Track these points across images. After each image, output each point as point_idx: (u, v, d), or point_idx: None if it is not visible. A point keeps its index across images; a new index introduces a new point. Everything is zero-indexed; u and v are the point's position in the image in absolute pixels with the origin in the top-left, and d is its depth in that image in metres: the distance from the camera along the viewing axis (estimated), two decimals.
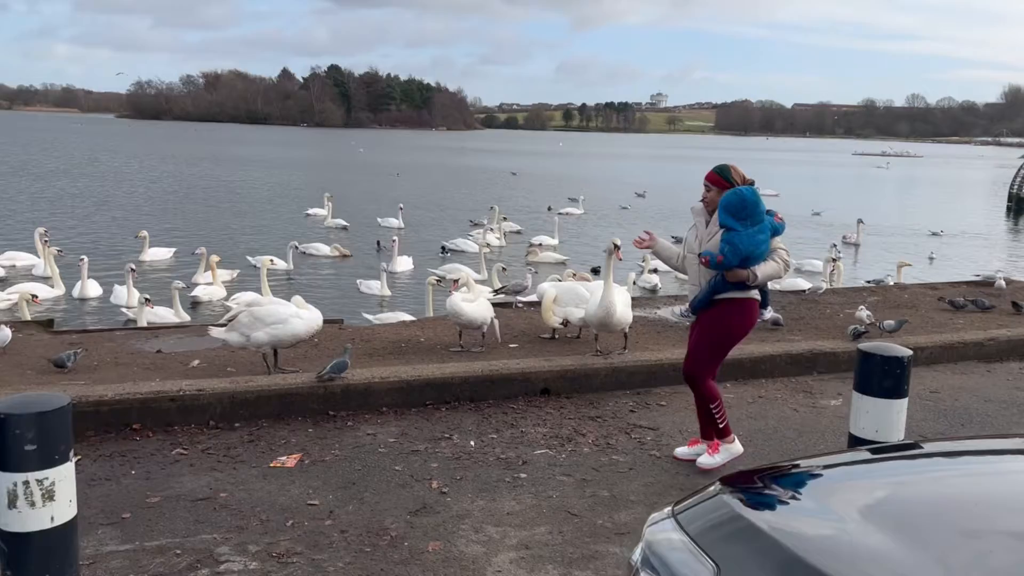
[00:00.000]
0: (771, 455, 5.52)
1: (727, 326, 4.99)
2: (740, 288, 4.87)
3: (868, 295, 10.87)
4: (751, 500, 2.18)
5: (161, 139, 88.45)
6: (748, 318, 5.01)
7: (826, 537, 1.97)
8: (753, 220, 4.76)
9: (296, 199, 32.29)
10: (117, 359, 6.96)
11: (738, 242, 4.74)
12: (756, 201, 4.78)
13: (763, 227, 4.80)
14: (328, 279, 17.04)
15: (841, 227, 27.27)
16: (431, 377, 6.32)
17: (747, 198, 4.77)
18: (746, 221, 4.75)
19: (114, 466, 4.99)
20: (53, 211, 25.63)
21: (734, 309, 4.94)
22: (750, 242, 4.74)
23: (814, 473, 2.41)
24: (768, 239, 4.84)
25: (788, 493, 2.23)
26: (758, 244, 4.77)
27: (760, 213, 4.79)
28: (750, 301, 4.97)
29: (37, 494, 2.72)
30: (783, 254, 4.92)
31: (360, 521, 4.37)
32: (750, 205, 4.76)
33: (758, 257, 4.80)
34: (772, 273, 4.89)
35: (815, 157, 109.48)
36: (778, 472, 2.39)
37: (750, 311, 5.00)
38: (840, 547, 1.91)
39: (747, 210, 4.75)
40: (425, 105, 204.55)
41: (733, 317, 4.96)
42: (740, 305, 4.94)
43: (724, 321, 4.97)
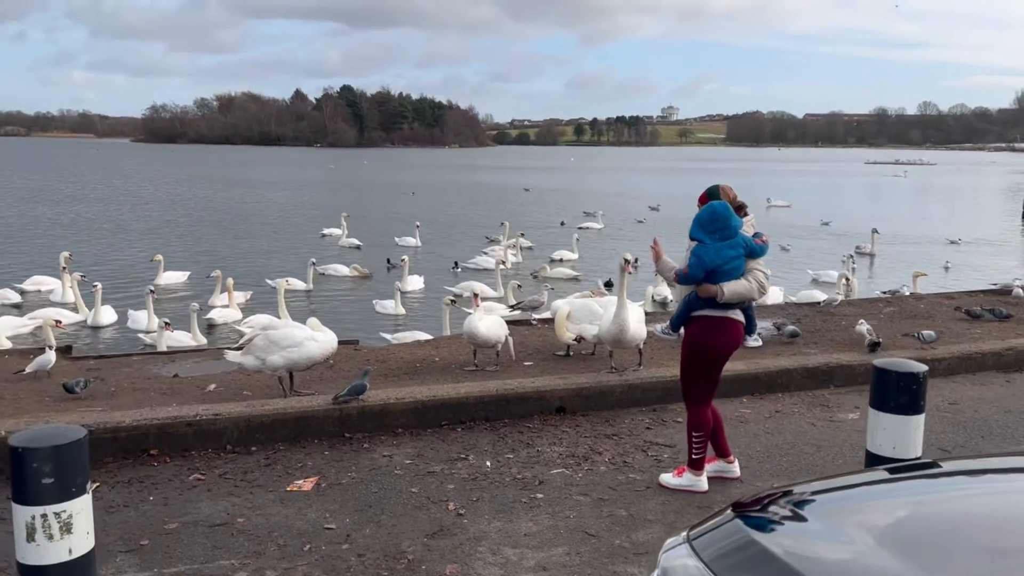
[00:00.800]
0: (789, 471, 5.48)
1: (700, 343, 4.89)
2: (717, 306, 4.78)
3: (884, 305, 10.80)
4: (766, 525, 2.16)
5: (176, 162, 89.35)
6: (724, 337, 4.86)
7: (842, 562, 1.95)
8: (722, 234, 4.74)
9: (311, 219, 32.50)
10: (134, 384, 7.01)
11: (703, 254, 4.73)
12: (727, 215, 4.77)
13: (734, 243, 4.76)
14: (346, 299, 17.10)
15: (853, 236, 27.19)
16: (446, 397, 6.33)
17: (717, 211, 4.78)
18: (714, 235, 4.74)
19: (132, 492, 5.01)
20: (71, 236, 25.89)
21: (709, 326, 4.85)
22: (716, 256, 4.71)
23: (830, 495, 2.39)
24: (740, 256, 4.77)
25: (804, 517, 2.21)
26: (726, 259, 4.72)
27: (730, 228, 4.75)
28: (727, 320, 4.85)
29: (55, 527, 2.74)
30: (759, 275, 4.83)
31: (377, 545, 4.37)
32: (720, 218, 4.75)
33: (728, 273, 4.73)
34: (743, 292, 4.76)
35: (828, 167, 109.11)
36: (793, 495, 2.37)
37: (727, 330, 4.86)
38: (856, 572, 1.89)
39: (716, 223, 4.75)
40: (437, 123, 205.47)
41: (707, 334, 4.86)
42: (716, 323, 4.83)
43: (698, 338, 4.90)
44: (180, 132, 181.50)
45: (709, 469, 5.27)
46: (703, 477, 5.05)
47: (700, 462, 5.04)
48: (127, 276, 18.76)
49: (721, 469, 5.30)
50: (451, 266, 20.63)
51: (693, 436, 4.99)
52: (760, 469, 5.50)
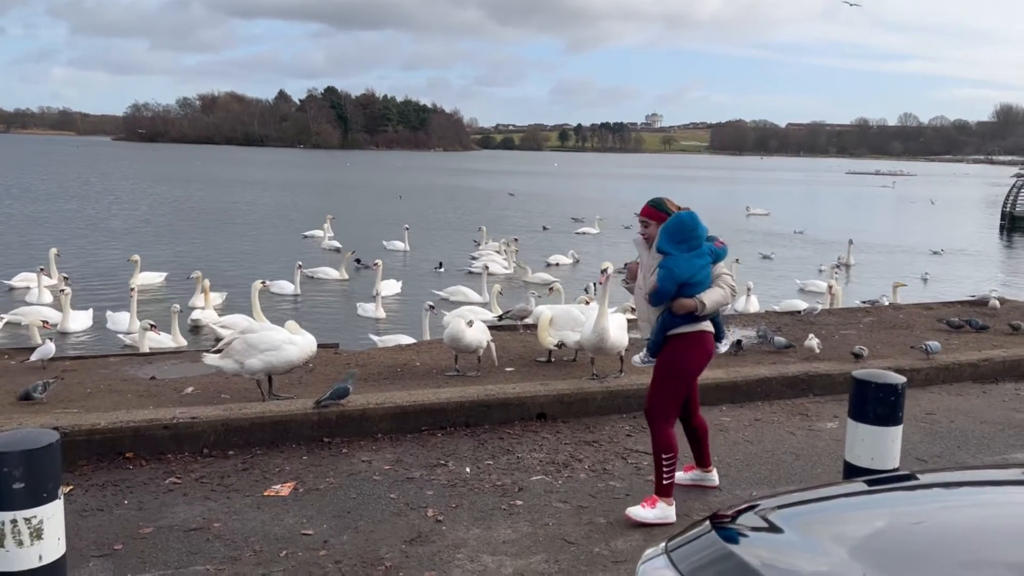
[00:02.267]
0: (769, 479, 5.50)
1: (681, 361, 4.74)
2: (691, 321, 4.66)
3: (863, 315, 10.89)
4: (744, 537, 2.16)
5: (156, 161, 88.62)
6: (702, 351, 4.76)
7: (820, 574, 1.95)
8: (690, 244, 4.61)
9: (294, 221, 32.34)
10: (111, 386, 6.93)
11: (673, 266, 4.57)
12: (694, 225, 4.63)
13: (701, 252, 4.64)
14: (331, 302, 17.01)
15: (829, 245, 27.49)
16: (426, 403, 6.30)
17: (684, 221, 4.63)
18: (682, 245, 4.60)
19: (106, 496, 4.95)
20: (48, 234, 25.60)
21: (687, 343, 4.71)
22: (687, 266, 4.58)
23: (808, 507, 2.39)
24: (708, 264, 4.66)
25: (781, 529, 2.21)
26: (697, 269, 4.60)
27: (698, 238, 4.63)
28: (703, 334, 4.74)
29: (25, 533, 2.69)
30: (728, 279, 4.73)
31: (355, 551, 4.34)
32: (687, 228, 4.61)
33: (700, 283, 4.61)
34: (720, 300, 4.66)
35: (809, 176, 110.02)
36: (771, 507, 2.37)
37: (703, 344, 4.76)
38: None
39: (684, 233, 4.60)
40: (422, 126, 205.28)
41: (686, 351, 4.72)
42: (693, 339, 4.71)
43: (677, 357, 4.73)
44: (162, 131, 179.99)
45: (687, 478, 5.22)
46: (673, 504, 4.77)
47: (671, 487, 4.77)
48: (103, 276, 18.57)
49: (699, 478, 5.25)
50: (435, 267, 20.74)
51: (663, 459, 4.71)
52: (739, 477, 5.51)
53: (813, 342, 8.25)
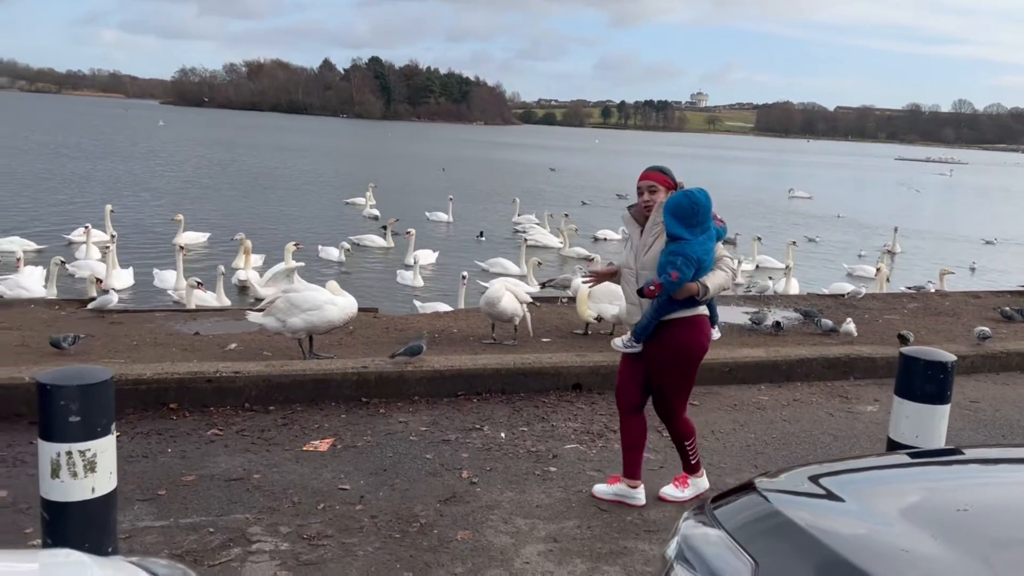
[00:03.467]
0: (805, 458, 5.45)
1: (683, 349, 4.37)
2: (688, 305, 4.29)
3: (908, 301, 10.70)
4: (790, 498, 2.15)
5: (203, 125, 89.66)
6: (702, 336, 4.40)
7: (867, 536, 1.94)
8: (703, 227, 4.23)
9: (336, 188, 32.55)
10: (156, 339, 7.08)
11: (691, 253, 4.15)
12: (708, 205, 4.22)
13: (711, 235, 4.28)
14: (374, 269, 17.11)
15: (871, 229, 27.04)
16: (463, 368, 6.34)
17: (700, 201, 4.18)
18: (696, 228, 4.20)
19: (151, 444, 5.07)
20: (99, 192, 26.08)
21: (686, 329, 4.33)
22: (701, 251, 4.20)
23: (855, 474, 2.37)
24: (714, 248, 4.33)
25: (828, 492, 2.20)
26: (707, 253, 4.26)
27: (711, 219, 4.27)
28: (701, 318, 4.38)
29: (80, 465, 2.78)
30: (729, 262, 4.41)
31: (390, 507, 4.40)
32: (703, 210, 4.18)
33: (707, 267, 4.27)
34: (722, 284, 4.32)
35: (858, 161, 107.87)
36: (818, 471, 2.36)
37: (703, 328, 4.40)
38: (881, 547, 1.88)
39: (699, 216, 4.18)
40: (464, 99, 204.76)
41: (687, 338, 4.35)
42: (692, 324, 4.34)
43: (678, 345, 4.36)
44: (208, 96, 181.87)
45: (610, 491, 4.66)
46: (703, 475, 4.77)
47: (698, 464, 4.74)
48: (147, 234, 18.87)
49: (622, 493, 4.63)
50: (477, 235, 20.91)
51: (686, 445, 4.63)
52: (776, 456, 5.48)
53: (851, 326, 8.11)
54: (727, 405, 6.44)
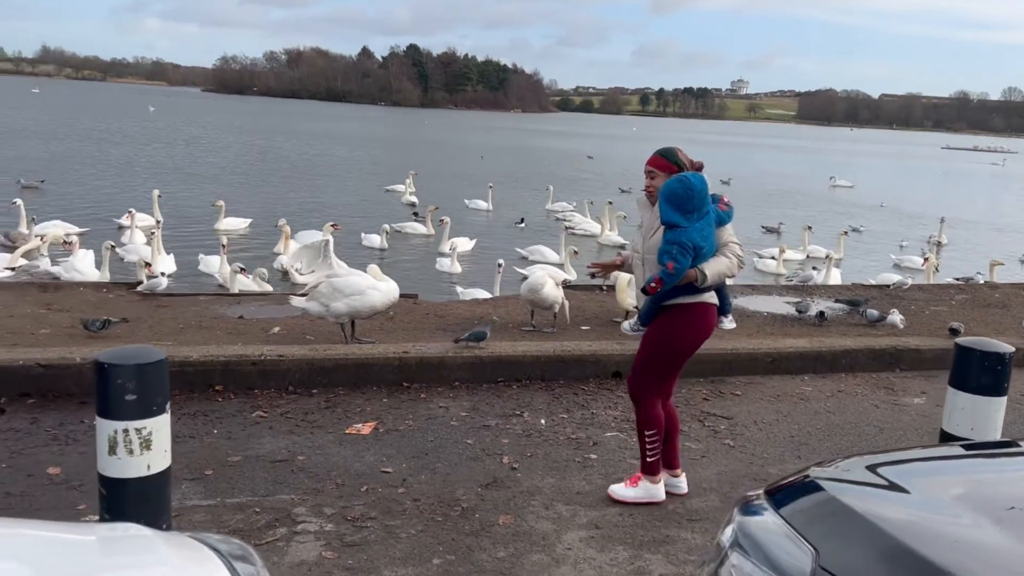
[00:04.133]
0: (851, 450, 5.37)
1: (673, 335, 4.24)
2: (690, 291, 4.14)
3: (956, 292, 10.48)
4: (848, 486, 2.12)
5: (244, 113, 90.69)
6: (699, 325, 4.23)
7: (930, 525, 1.91)
8: (700, 213, 4.06)
9: (376, 175, 32.71)
10: (201, 323, 7.19)
11: (686, 240, 4.00)
12: (704, 190, 4.06)
13: (710, 219, 4.11)
14: (415, 256, 17.16)
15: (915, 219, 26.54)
16: (503, 355, 6.35)
17: (694, 186, 4.02)
18: (692, 214, 4.03)
19: (197, 424, 5.16)
20: (142, 177, 26.53)
21: (682, 315, 4.20)
22: (699, 238, 4.04)
23: (913, 463, 2.34)
24: (713, 232, 4.14)
25: (887, 481, 2.16)
26: (706, 239, 4.08)
27: (708, 203, 4.10)
28: (702, 305, 4.20)
29: (136, 442, 2.84)
30: (736, 248, 4.18)
31: (432, 491, 4.43)
32: (697, 196, 4.02)
33: (707, 254, 4.10)
34: (724, 271, 4.12)
35: (903, 150, 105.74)
36: (875, 460, 2.32)
37: (702, 317, 4.22)
38: (945, 536, 1.85)
39: (694, 201, 4.02)
40: (501, 87, 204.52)
41: (679, 324, 4.22)
42: (689, 311, 4.19)
43: (669, 330, 4.24)
44: (249, 84, 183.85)
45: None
46: (661, 483, 4.45)
47: (656, 465, 4.42)
48: (190, 220, 19.13)
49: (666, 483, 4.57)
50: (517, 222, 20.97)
51: (646, 436, 4.36)
52: (820, 447, 5.41)
53: (896, 317, 7.95)
54: (770, 395, 6.37)
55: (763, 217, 26.31)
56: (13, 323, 6.88)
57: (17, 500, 4.09)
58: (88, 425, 4.94)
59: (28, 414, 5.15)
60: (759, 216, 26.76)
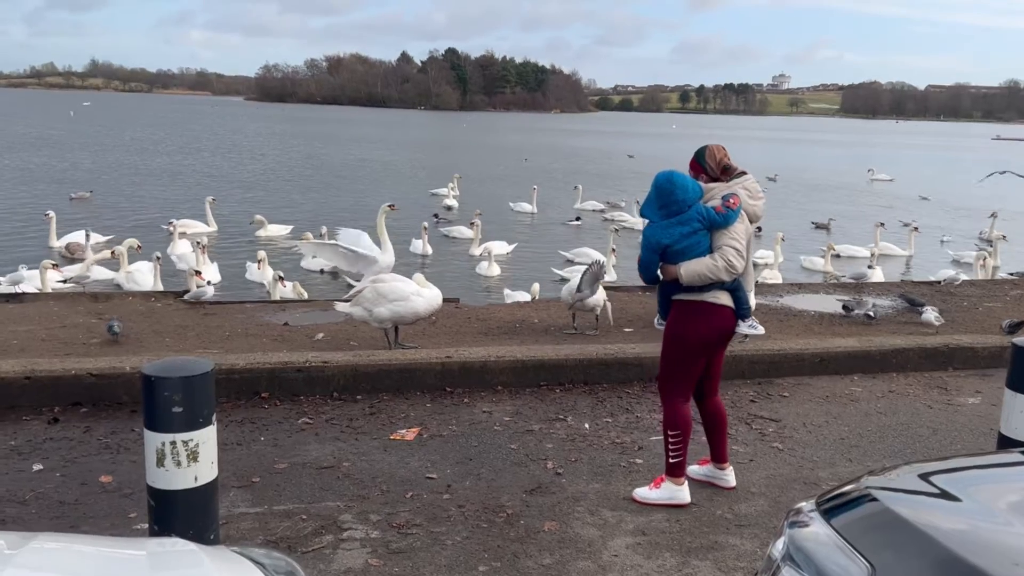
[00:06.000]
0: (903, 452, 5.25)
1: (677, 331, 4.29)
2: (694, 289, 4.17)
3: (1010, 288, 10.18)
4: (903, 496, 2.06)
5: (286, 120, 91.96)
6: (702, 324, 4.23)
7: (987, 537, 1.84)
8: (669, 210, 4.13)
9: (415, 179, 32.89)
10: (247, 330, 7.29)
11: (647, 235, 4.18)
12: (671, 189, 4.12)
13: (685, 219, 4.11)
14: (458, 259, 17.15)
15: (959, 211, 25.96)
16: (546, 358, 6.32)
17: (659, 185, 4.16)
18: (661, 211, 4.16)
19: (244, 432, 5.22)
20: (185, 186, 27.04)
21: (686, 312, 4.25)
22: (663, 235, 4.13)
23: (969, 471, 2.26)
24: (696, 232, 4.12)
25: (943, 491, 2.09)
26: (675, 238, 4.11)
27: (677, 202, 4.11)
28: (706, 304, 4.19)
29: (183, 454, 2.87)
30: (728, 252, 4.09)
31: (477, 497, 4.42)
32: (663, 193, 4.13)
33: (683, 252, 4.12)
34: (702, 271, 4.10)
35: (950, 142, 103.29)
36: (928, 469, 2.25)
37: (705, 315, 4.21)
38: (1003, 548, 1.78)
39: (661, 198, 4.14)
40: (540, 87, 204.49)
41: (683, 320, 4.26)
42: (692, 308, 4.22)
43: (675, 326, 4.31)
44: (290, 92, 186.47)
45: (700, 472, 4.68)
46: (684, 485, 4.41)
47: (679, 467, 4.39)
48: (233, 226, 19.41)
49: (711, 475, 4.65)
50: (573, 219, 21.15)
51: (669, 436, 4.37)
52: (872, 449, 5.29)
53: (931, 315, 7.67)
54: (819, 396, 6.25)
55: (807, 212, 25.91)
56: (66, 333, 7.05)
57: (71, 508, 4.18)
58: (139, 433, 5.02)
59: (81, 423, 5.26)
60: (803, 212, 26.36)
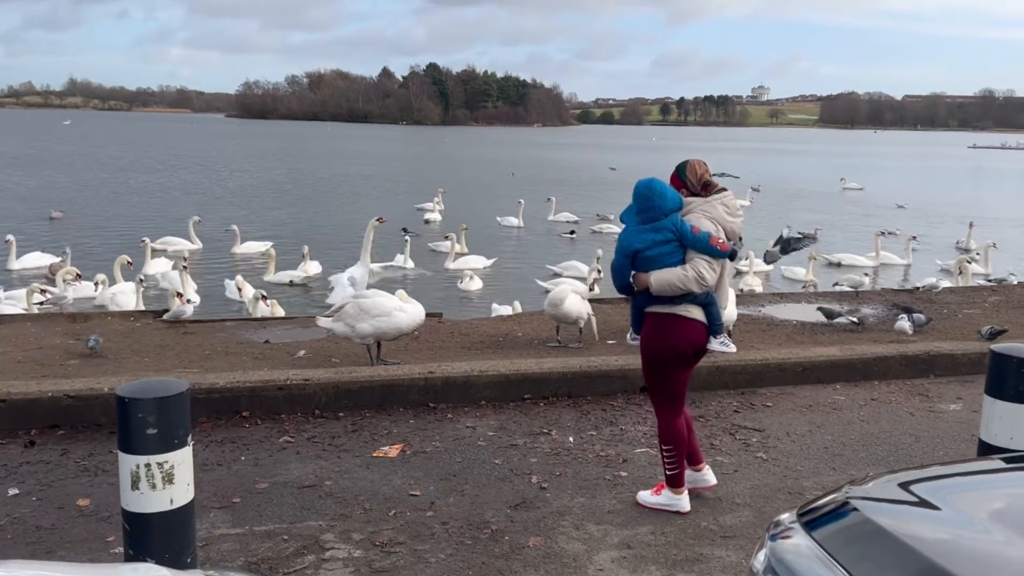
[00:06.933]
0: (887, 460, 5.25)
1: (647, 344, 4.35)
2: (665, 301, 4.22)
3: (989, 294, 10.27)
4: (883, 506, 2.05)
5: (267, 136, 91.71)
6: (671, 336, 4.25)
7: (965, 545, 1.84)
8: (645, 216, 4.22)
9: (396, 195, 32.84)
10: (228, 348, 7.22)
11: (621, 238, 4.31)
12: (648, 195, 4.22)
13: (659, 227, 4.19)
14: (441, 274, 17.02)
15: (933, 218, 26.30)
16: (529, 372, 6.30)
17: (638, 191, 4.29)
18: (637, 216, 4.26)
19: (225, 451, 5.16)
20: (165, 204, 26.87)
21: (655, 324, 4.30)
22: (635, 239, 4.21)
23: (948, 479, 2.25)
24: (669, 242, 4.18)
25: (923, 500, 2.09)
26: (648, 243, 4.18)
27: (654, 209, 4.19)
28: (674, 317, 4.23)
29: (158, 476, 2.83)
30: (700, 264, 4.13)
31: (461, 513, 4.38)
32: (640, 199, 4.25)
33: (654, 260, 4.18)
34: (671, 281, 4.13)
35: (927, 151, 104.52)
36: (908, 477, 2.24)
37: (676, 328, 4.24)
38: (980, 556, 1.77)
39: (637, 204, 4.26)
40: (521, 102, 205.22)
41: (654, 332, 4.31)
42: (661, 320, 4.26)
43: (647, 338, 4.36)
44: (271, 108, 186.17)
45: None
46: (684, 495, 4.45)
47: (677, 478, 4.42)
48: (213, 243, 19.26)
49: (690, 480, 4.60)
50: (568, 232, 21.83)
51: (664, 450, 4.41)
52: (855, 458, 5.29)
53: (904, 324, 7.72)
54: (802, 406, 6.26)
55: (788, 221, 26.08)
56: (43, 354, 6.96)
57: (47, 533, 4.10)
58: (116, 455, 4.96)
59: (58, 446, 5.18)
60: (784, 221, 26.53)
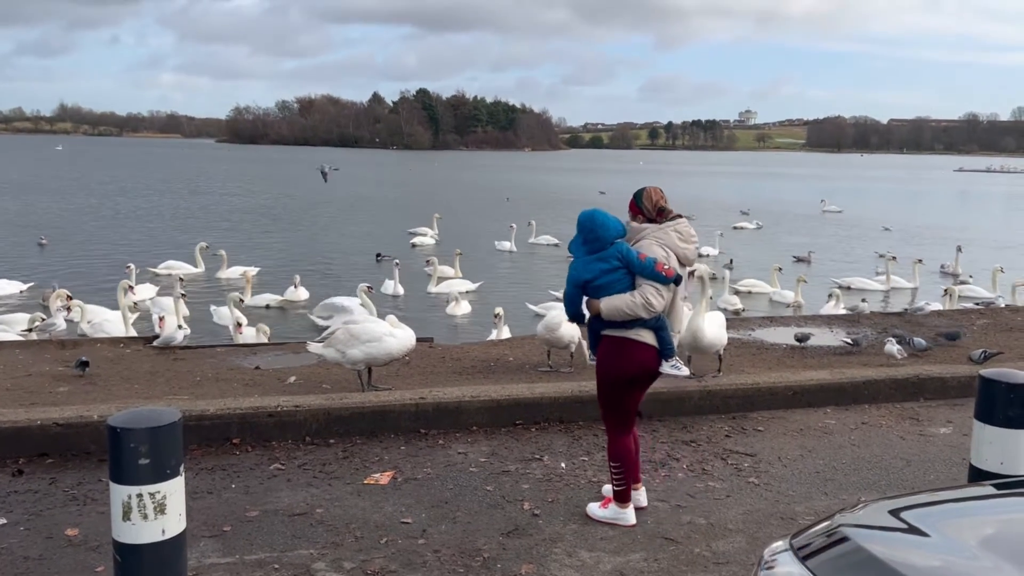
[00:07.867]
0: (878, 484, 5.26)
1: (601, 365, 4.51)
2: (618, 325, 4.35)
3: (977, 317, 10.34)
4: (876, 533, 2.06)
5: (258, 162, 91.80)
6: (623, 359, 4.40)
7: (957, 573, 1.85)
8: (591, 247, 4.37)
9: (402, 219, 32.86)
10: (218, 375, 7.19)
11: (570, 269, 4.46)
12: (591, 227, 4.37)
13: (605, 256, 4.33)
14: (432, 299, 16.97)
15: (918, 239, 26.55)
16: (521, 397, 6.29)
17: (581, 222, 4.43)
18: (584, 247, 4.41)
19: (215, 480, 5.12)
20: (156, 229, 26.83)
21: (608, 347, 4.45)
22: (584, 270, 4.37)
23: (938, 506, 2.26)
24: (616, 270, 4.31)
25: (912, 526, 2.10)
26: (596, 273, 4.33)
27: (599, 240, 4.35)
28: (626, 340, 4.37)
29: (150, 507, 2.81)
30: (648, 290, 4.26)
31: (453, 541, 4.36)
32: (584, 230, 4.41)
33: (604, 288, 4.32)
34: (621, 306, 4.27)
35: (912, 174, 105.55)
36: (898, 504, 2.26)
37: (628, 352, 4.38)
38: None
39: (582, 234, 4.41)
40: (511, 126, 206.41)
41: (607, 355, 4.46)
42: (614, 343, 4.41)
43: (600, 360, 4.51)
44: (262, 133, 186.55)
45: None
46: (629, 509, 4.60)
47: (624, 493, 4.59)
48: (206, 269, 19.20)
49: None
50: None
51: (612, 466, 4.60)
52: (846, 482, 5.30)
53: (893, 348, 7.80)
54: (793, 430, 6.27)
55: (777, 245, 26.27)
56: (31, 381, 6.91)
57: (35, 564, 4.06)
58: (106, 484, 4.89)
59: (46, 474, 5.13)
60: (776, 245, 26.73)
